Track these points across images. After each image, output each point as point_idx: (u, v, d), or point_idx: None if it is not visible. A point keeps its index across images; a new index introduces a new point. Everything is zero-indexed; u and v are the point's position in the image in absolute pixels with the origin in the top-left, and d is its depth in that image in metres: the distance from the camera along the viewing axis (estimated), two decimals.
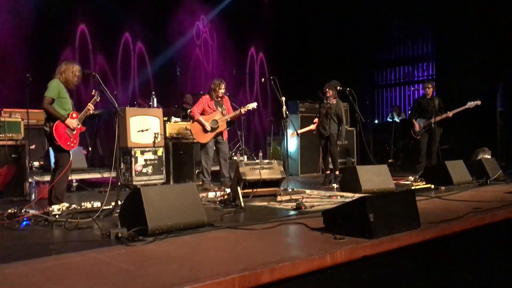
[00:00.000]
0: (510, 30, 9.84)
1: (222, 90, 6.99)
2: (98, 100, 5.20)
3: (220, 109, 6.99)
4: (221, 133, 6.99)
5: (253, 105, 7.12)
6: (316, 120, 7.55)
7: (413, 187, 6.08)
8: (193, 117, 6.91)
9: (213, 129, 6.88)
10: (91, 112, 5.25)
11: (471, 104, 8.00)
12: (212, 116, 6.92)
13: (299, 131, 8.03)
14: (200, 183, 6.94)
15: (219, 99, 7.04)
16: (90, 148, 8.29)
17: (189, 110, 7.34)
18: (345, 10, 12.54)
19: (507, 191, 5.76)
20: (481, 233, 4.12)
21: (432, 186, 6.30)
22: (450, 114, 8.04)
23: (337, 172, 7.31)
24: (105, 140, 8.31)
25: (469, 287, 3.87)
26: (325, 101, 7.39)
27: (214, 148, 7.03)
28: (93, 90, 5.18)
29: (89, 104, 5.13)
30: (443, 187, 6.28)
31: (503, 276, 4.19)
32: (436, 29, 12.25)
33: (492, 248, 4.21)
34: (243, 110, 7.00)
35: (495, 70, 10.08)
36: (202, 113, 6.93)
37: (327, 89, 7.39)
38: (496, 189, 6.16)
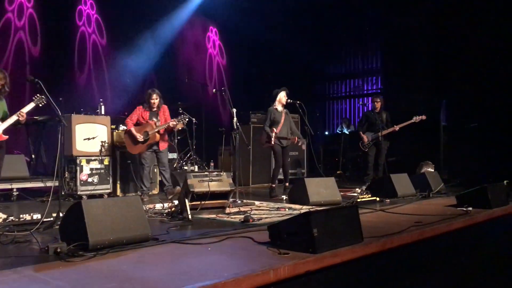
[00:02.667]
0: (453, 49, 10.30)
1: (154, 101, 6.89)
2: (39, 105, 4.99)
3: (155, 120, 6.92)
4: (156, 144, 6.92)
5: (185, 119, 7.01)
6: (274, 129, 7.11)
7: (359, 200, 6.21)
8: (126, 126, 6.94)
9: (144, 141, 6.83)
10: (22, 119, 4.99)
11: (416, 118, 8.31)
12: (144, 127, 6.88)
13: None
14: (140, 193, 6.84)
15: (155, 109, 6.96)
16: (33, 156, 7.97)
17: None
18: (298, 24, 12.74)
19: (447, 204, 5.99)
20: (422, 246, 4.25)
21: (378, 199, 6.46)
22: (396, 128, 8.32)
23: (287, 184, 7.33)
24: (50, 148, 7.99)
25: None
26: (279, 109, 7.26)
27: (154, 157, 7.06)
28: (34, 96, 4.98)
29: (20, 111, 4.91)
30: (388, 200, 6.45)
31: None
32: (383, 45, 12.65)
33: (432, 261, 4.35)
34: (171, 124, 6.86)
35: (439, 86, 10.51)
36: (137, 124, 6.91)
37: (285, 95, 7.23)
38: (438, 202, 6.39)
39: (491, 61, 9.77)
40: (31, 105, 4.94)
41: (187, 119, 7.11)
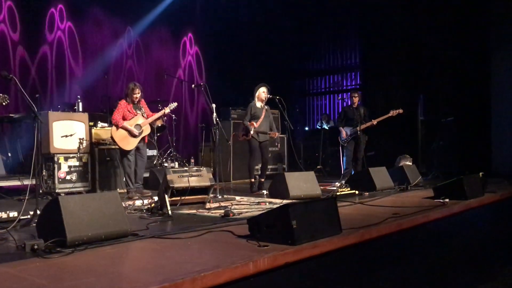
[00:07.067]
0: (430, 45, 10.47)
1: (137, 95, 6.69)
2: (3, 104, 4.84)
3: (140, 112, 6.75)
4: (143, 138, 6.77)
5: (174, 104, 6.98)
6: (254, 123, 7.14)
7: (338, 193, 6.27)
8: (117, 125, 6.57)
9: (138, 135, 6.66)
10: None
11: (393, 112, 8.40)
12: (135, 120, 6.66)
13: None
14: (126, 191, 6.75)
15: (136, 103, 6.76)
16: (9, 154, 7.82)
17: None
18: (278, 20, 12.77)
19: (425, 196, 6.10)
20: (400, 237, 4.32)
21: (357, 192, 6.53)
22: (374, 122, 8.40)
23: (262, 179, 7.33)
24: (27, 146, 7.86)
25: None
26: (258, 105, 7.25)
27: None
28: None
29: None
30: (367, 193, 6.53)
31: (419, 278, 4.40)
32: (361, 41, 12.78)
33: (409, 252, 4.42)
34: (167, 110, 6.84)
35: (416, 82, 10.68)
36: (123, 119, 6.64)
37: (266, 91, 7.22)
38: (415, 194, 6.50)
39: (466, 57, 9.97)
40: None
41: (176, 104, 6.99)
